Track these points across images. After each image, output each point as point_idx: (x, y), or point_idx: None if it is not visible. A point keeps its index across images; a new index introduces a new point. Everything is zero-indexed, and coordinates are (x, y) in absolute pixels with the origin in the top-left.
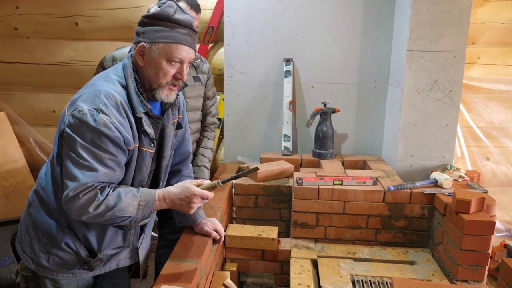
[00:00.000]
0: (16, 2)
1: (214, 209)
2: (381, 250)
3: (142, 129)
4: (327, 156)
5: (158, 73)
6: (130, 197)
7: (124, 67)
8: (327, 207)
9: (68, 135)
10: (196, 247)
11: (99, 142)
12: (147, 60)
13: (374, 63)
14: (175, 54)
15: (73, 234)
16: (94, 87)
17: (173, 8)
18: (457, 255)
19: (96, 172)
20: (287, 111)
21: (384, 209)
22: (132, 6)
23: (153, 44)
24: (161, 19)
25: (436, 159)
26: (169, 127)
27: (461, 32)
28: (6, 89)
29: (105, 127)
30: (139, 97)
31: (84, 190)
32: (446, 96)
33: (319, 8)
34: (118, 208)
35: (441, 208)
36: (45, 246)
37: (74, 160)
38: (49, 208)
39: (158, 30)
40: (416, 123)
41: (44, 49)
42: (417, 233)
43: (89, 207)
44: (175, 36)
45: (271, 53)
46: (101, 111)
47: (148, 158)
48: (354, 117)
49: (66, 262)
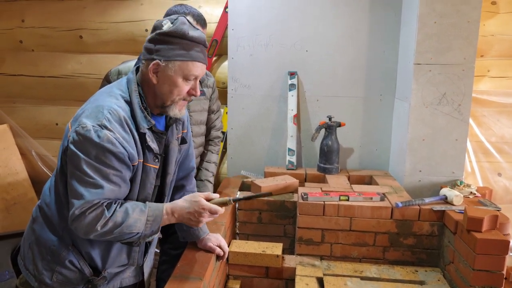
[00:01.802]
0: (22, 15)
1: (217, 225)
2: (389, 269)
3: (146, 144)
4: (332, 171)
5: (173, 90)
6: (138, 212)
7: (128, 82)
8: (333, 224)
9: (72, 152)
10: (199, 263)
11: (104, 158)
12: (161, 77)
13: (380, 77)
14: (192, 72)
15: (77, 251)
16: (97, 103)
17: (187, 25)
18: (469, 276)
19: (102, 189)
20: (292, 124)
21: (392, 226)
22: (136, 20)
23: (169, 62)
24: (176, 37)
25: (445, 175)
26: (174, 143)
27: (469, 44)
28: (9, 102)
29: (109, 143)
30: (143, 112)
31: (90, 208)
32: (455, 110)
33: (324, 21)
34: (126, 225)
35: (451, 226)
36: (49, 263)
37: (79, 177)
38: (53, 224)
39: (174, 49)
40: (424, 137)
41: (48, 62)
42: (426, 251)
43: (96, 225)
44: (191, 55)
45: (276, 66)
46: (104, 127)
47: (153, 174)
48: (360, 131)
49: (69, 280)
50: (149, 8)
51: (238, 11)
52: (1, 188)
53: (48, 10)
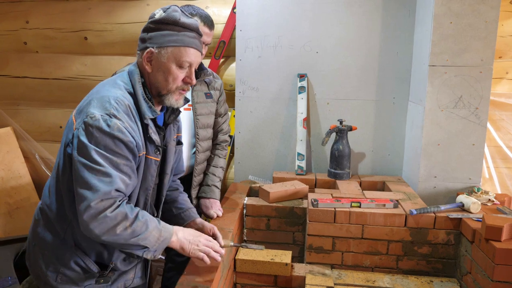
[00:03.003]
0: (26, 17)
1: (225, 231)
2: (403, 279)
3: (148, 135)
4: (343, 176)
5: (167, 78)
6: (154, 228)
7: (130, 74)
8: (344, 231)
9: (81, 143)
10: (206, 271)
11: (114, 147)
12: (155, 65)
13: (393, 79)
14: (184, 58)
15: (81, 251)
16: (102, 93)
17: (178, 13)
18: (488, 287)
19: (113, 178)
20: (301, 128)
21: (406, 234)
22: (141, 21)
23: (162, 49)
24: (168, 23)
25: (461, 181)
26: (171, 143)
27: (487, 45)
28: (13, 104)
29: (119, 131)
30: (148, 102)
31: (108, 204)
32: (472, 113)
33: (334, 22)
34: (143, 237)
35: (469, 235)
36: (53, 265)
37: (89, 167)
38: (55, 226)
39: (166, 35)
40: (439, 142)
41: (53, 63)
42: (442, 261)
43: (116, 227)
44: (183, 40)
45: (285, 68)
46: (113, 116)
47: (154, 166)
48: (372, 135)
49: (73, 280)
50: (155, 8)
51: (246, 11)
52: (4, 192)
53: (53, 11)
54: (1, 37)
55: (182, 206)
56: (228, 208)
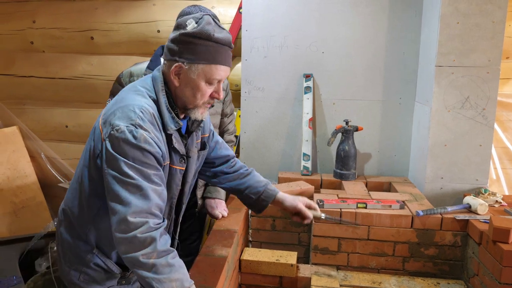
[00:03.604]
0: (33, 16)
1: (230, 231)
2: (409, 281)
3: (172, 146)
4: (349, 177)
5: (195, 94)
6: (178, 280)
7: (154, 81)
8: (350, 232)
9: (110, 154)
10: (211, 272)
11: (143, 158)
12: (184, 80)
13: (399, 79)
14: (215, 76)
15: (102, 254)
16: (126, 102)
17: (212, 25)
18: None
19: (145, 190)
20: (307, 128)
21: (412, 236)
22: (148, 21)
23: (192, 65)
24: (201, 38)
25: (468, 182)
26: (193, 151)
27: (495, 46)
28: (19, 103)
29: (146, 143)
30: (171, 113)
31: (140, 222)
32: (479, 114)
33: (340, 22)
34: (160, 279)
35: (476, 236)
36: (75, 264)
37: (120, 179)
38: (76, 229)
39: (198, 51)
40: (446, 142)
41: (59, 63)
42: (449, 262)
43: (140, 251)
44: (215, 57)
45: (291, 68)
46: (139, 126)
47: (178, 175)
48: (378, 136)
49: (96, 279)
50: (161, 8)
51: (252, 11)
52: (10, 191)
53: (59, 11)
54: (8, 36)
55: (257, 190)
56: (233, 209)
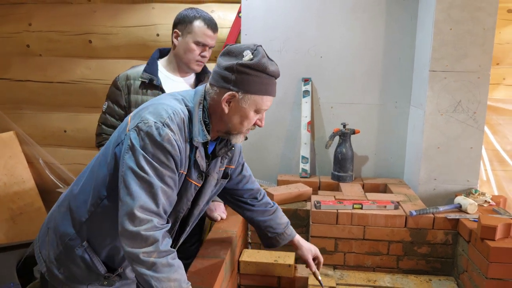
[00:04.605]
0: (29, 19)
1: (228, 233)
2: (403, 278)
3: (194, 159)
4: (346, 179)
5: (243, 122)
6: (176, 281)
7: (195, 93)
8: (346, 232)
9: (131, 145)
10: (208, 273)
11: (162, 157)
12: (234, 108)
13: (395, 84)
14: (264, 106)
15: (91, 249)
16: (161, 101)
17: (266, 58)
18: (482, 284)
19: (155, 189)
20: (305, 132)
21: (406, 235)
22: (147, 24)
23: (246, 95)
24: (257, 70)
25: (460, 183)
26: (213, 175)
27: (485, 52)
28: (16, 108)
29: (169, 143)
30: (202, 125)
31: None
32: (470, 117)
33: (339, 27)
34: (158, 278)
35: (465, 235)
36: (60, 255)
37: (134, 171)
38: (73, 218)
39: (254, 82)
40: (439, 145)
41: (57, 67)
42: (440, 260)
43: (141, 248)
44: (267, 89)
45: (289, 72)
46: (167, 126)
47: (192, 191)
48: (375, 139)
49: (75, 277)
50: (160, 12)
51: (251, 16)
52: (7, 197)
53: (56, 14)
54: (4, 39)
55: (276, 231)
56: (232, 211)
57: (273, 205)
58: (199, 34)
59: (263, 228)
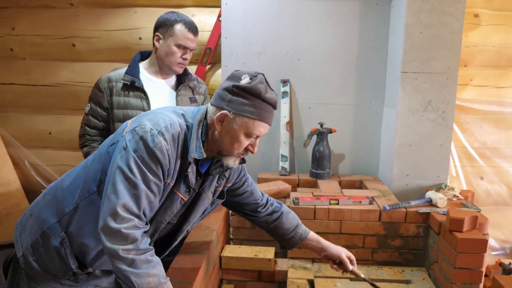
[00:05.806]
0: (12, 23)
1: (210, 230)
2: (377, 270)
3: (185, 173)
4: (324, 176)
5: (233, 143)
6: (156, 276)
7: (198, 111)
8: (324, 227)
9: (124, 146)
10: (190, 268)
11: (151, 164)
12: (226, 127)
13: (370, 85)
14: (255, 131)
15: (67, 242)
16: (163, 111)
17: (264, 85)
18: (451, 274)
19: (139, 191)
20: (284, 131)
21: (380, 229)
22: (130, 28)
23: (237, 116)
24: (251, 94)
25: (431, 179)
26: (207, 193)
27: (453, 54)
28: (1, 111)
29: (160, 151)
30: (200, 143)
31: (127, 217)
32: (440, 116)
33: (316, 31)
34: (138, 273)
35: (435, 227)
36: (37, 242)
37: (122, 170)
38: (58, 207)
39: (245, 104)
40: (411, 143)
41: (41, 70)
42: (413, 252)
43: (122, 247)
44: (260, 114)
45: (268, 74)
46: (161, 134)
47: (177, 204)
48: (351, 138)
49: (48, 267)
50: (142, 16)
51: (231, 19)
52: None
53: (40, 18)
54: None
55: (284, 237)
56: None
57: (279, 211)
58: (180, 37)
59: (273, 234)
